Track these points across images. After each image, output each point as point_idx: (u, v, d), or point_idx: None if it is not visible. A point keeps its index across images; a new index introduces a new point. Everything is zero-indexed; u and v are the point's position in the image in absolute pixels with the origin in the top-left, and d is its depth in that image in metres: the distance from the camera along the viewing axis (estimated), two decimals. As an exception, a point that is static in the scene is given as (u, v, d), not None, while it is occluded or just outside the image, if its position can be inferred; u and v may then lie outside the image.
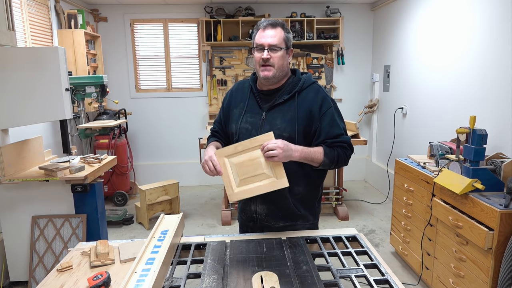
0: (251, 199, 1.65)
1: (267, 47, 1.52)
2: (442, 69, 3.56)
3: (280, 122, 1.57)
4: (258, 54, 1.55)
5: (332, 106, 1.60)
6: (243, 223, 1.78)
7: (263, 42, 1.53)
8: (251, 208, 1.67)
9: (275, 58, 1.53)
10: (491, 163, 2.35)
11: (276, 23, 1.56)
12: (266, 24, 1.55)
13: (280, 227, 1.68)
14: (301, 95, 1.60)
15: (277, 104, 1.60)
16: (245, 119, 1.63)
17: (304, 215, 1.68)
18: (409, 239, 3.01)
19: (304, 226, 1.70)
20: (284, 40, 1.55)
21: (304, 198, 1.66)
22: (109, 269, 1.38)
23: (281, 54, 1.54)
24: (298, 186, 1.61)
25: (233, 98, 1.73)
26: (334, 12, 5.09)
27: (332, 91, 5.47)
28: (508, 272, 1.89)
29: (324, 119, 1.57)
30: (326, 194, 4.22)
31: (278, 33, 1.54)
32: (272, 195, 1.53)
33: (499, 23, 2.75)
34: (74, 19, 4.25)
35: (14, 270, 2.80)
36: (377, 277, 1.28)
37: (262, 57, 1.53)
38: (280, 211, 1.65)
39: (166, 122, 5.41)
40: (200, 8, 5.14)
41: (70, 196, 2.72)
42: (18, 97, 2.53)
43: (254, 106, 1.64)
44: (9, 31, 2.28)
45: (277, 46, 1.53)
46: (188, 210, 4.56)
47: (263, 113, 1.61)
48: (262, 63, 1.54)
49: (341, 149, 1.58)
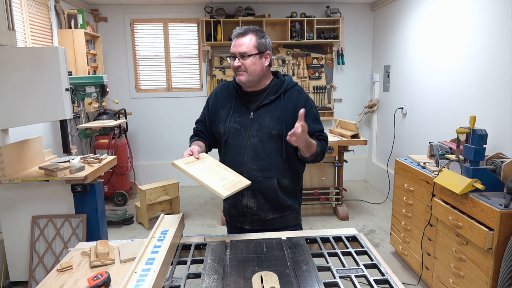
0: (242, 194, 1.71)
1: (238, 55, 1.63)
2: (442, 69, 3.56)
3: (268, 121, 1.67)
4: (232, 61, 1.67)
5: (313, 106, 1.73)
6: (233, 218, 1.83)
7: (234, 51, 1.65)
8: (242, 203, 1.73)
9: (246, 64, 1.63)
10: (491, 163, 2.35)
11: (247, 30, 1.65)
12: (237, 33, 1.66)
13: (270, 219, 1.75)
14: (286, 96, 1.70)
15: (264, 105, 1.69)
16: (233, 119, 1.71)
17: (290, 205, 1.78)
18: (409, 239, 3.01)
19: (291, 216, 1.80)
20: (255, 47, 1.63)
21: (290, 190, 1.76)
22: (109, 269, 1.38)
23: (252, 60, 1.63)
24: (285, 179, 1.72)
25: (218, 99, 1.80)
26: (334, 12, 5.09)
27: (332, 91, 5.47)
28: (508, 272, 1.89)
29: (308, 117, 1.66)
30: (326, 194, 4.22)
31: (248, 40, 1.63)
32: (262, 189, 1.69)
33: (499, 23, 2.75)
34: (74, 19, 4.25)
35: (14, 270, 2.80)
36: (377, 277, 1.28)
37: (233, 65, 1.65)
38: (269, 203, 1.73)
39: (166, 122, 5.41)
40: (200, 8, 5.14)
41: (70, 196, 2.72)
42: (18, 97, 2.53)
43: (241, 106, 1.72)
44: (9, 31, 2.28)
45: (247, 54, 1.62)
46: (188, 210, 4.57)
47: (251, 113, 1.69)
48: (235, 69, 1.66)
49: (324, 143, 1.72)
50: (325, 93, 5.45)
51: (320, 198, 4.18)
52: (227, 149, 1.74)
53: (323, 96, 5.46)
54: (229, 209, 1.83)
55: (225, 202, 1.85)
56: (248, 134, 1.68)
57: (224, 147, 1.76)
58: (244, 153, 1.68)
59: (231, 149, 1.72)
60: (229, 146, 1.72)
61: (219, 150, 1.84)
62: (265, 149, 1.67)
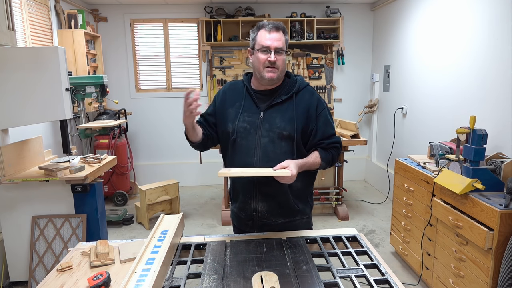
0: (251, 197, 1.65)
1: (273, 50, 1.55)
2: (442, 69, 3.56)
3: (279, 121, 1.60)
4: (264, 56, 1.56)
5: (325, 108, 1.68)
6: (242, 223, 1.76)
7: (269, 44, 1.55)
8: (251, 207, 1.67)
9: (280, 61, 1.58)
10: (491, 163, 2.35)
11: (279, 26, 1.59)
12: (272, 26, 1.57)
13: (280, 223, 1.70)
14: (298, 96, 1.65)
15: (275, 104, 1.63)
16: (243, 118, 1.64)
17: (302, 210, 1.72)
18: (409, 239, 3.01)
19: (301, 221, 1.74)
20: (285, 44, 1.60)
21: (301, 193, 1.71)
22: (109, 269, 1.38)
23: (284, 57, 1.60)
24: (296, 182, 1.62)
25: (227, 97, 1.72)
26: (334, 12, 5.09)
27: (332, 91, 5.47)
28: (508, 272, 1.89)
29: (319, 119, 1.64)
30: (326, 194, 4.22)
31: (282, 36, 1.58)
32: (272, 192, 1.62)
33: (499, 23, 2.75)
34: (74, 19, 4.25)
35: (14, 270, 2.80)
36: (377, 277, 1.28)
37: (270, 60, 1.55)
38: (279, 207, 1.67)
39: (166, 122, 5.41)
40: (200, 8, 5.14)
41: (70, 196, 2.72)
42: (18, 97, 2.53)
43: (251, 105, 1.66)
44: (9, 31, 2.28)
45: (282, 50, 1.57)
46: (188, 210, 4.57)
47: (261, 113, 1.63)
48: (268, 64, 1.56)
49: (335, 150, 1.67)
50: (325, 93, 5.45)
51: (320, 198, 4.18)
52: (235, 150, 1.65)
53: (323, 96, 5.46)
54: (237, 213, 1.77)
55: (233, 205, 1.79)
56: (258, 134, 1.60)
57: (232, 147, 1.66)
58: (254, 154, 1.60)
59: (240, 150, 1.63)
60: (237, 146, 1.64)
61: (224, 152, 1.74)
62: (276, 149, 1.59)
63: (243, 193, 1.69)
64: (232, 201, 1.82)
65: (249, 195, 1.65)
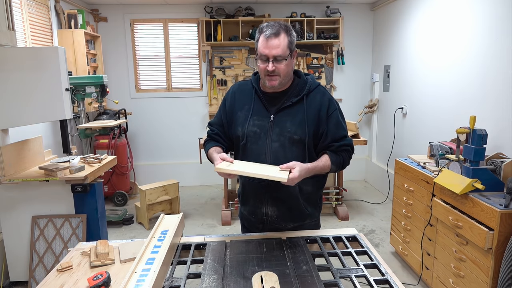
0: (262, 202, 1.64)
1: (272, 59, 1.48)
2: (442, 69, 3.56)
3: (290, 125, 1.56)
4: (263, 64, 1.51)
5: (337, 108, 1.62)
6: (252, 225, 1.74)
7: (267, 53, 1.48)
8: (262, 211, 1.66)
9: (280, 68, 1.50)
10: (491, 163, 2.35)
11: (279, 30, 1.48)
12: (270, 33, 1.47)
13: (290, 228, 1.69)
14: (309, 98, 1.59)
15: (285, 107, 1.58)
16: (252, 122, 1.60)
17: (311, 213, 1.71)
18: (409, 239, 3.01)
19: (310, 224, 1.73)
20: (288, 47, 1.50)
21: (311, 196, 1.69)
22: (109, 269, 1.38)
23: (286, 63, 1.51)
24: (307, 186, 1.62)
25: (236, 99, 1.68)
26: (334, 12, 5.09)
27: (332, 91, 5.47)
28: (508, 272, 1.89)
29: (330, 121, 1.59)
30: (326, 194, 4.22)
31: (282, 41, 1.48)
32: (282, 196, 1.60)
33: (499, 23, 2.75)
34: (74, 19, 4.25)
35: (14, 270, 2.80)
36: (377, 277, 1.28)
37: (268, 69, 1.50)
38: (290, 212, 1.65)
39: (166, 122, 5.41)
40: (200, 8, 5.14)
41: (70, 196, 2.72)
42: (18, 97, 2.53)
43: (261, 108, 1.61)
44: (9, 31, 2.28)
45: (281, 57, 1.48)
46: (188, 210, 4.56)
47: (271, 116, 1.58)
48: (267, 73, 1.51)
49: (346, 153, 1.64)
50: (325, 93, 5.45)
51: (320, 198, 4.18)
52: (245, 154, 1.62)
53: (323, 96, 5.45)
54: (247, 215, 1.75)
55: (242, 208, 1.78)
56: (269, 139, 1.57)
57: (242, 151, 1.64)
58: (264, 159, 1.56)
59: (250, 155, 1.60)
60: (248, 151, 1.61)
61: (235, 153, 1.72)
62: (287, 154, 1.55)
63: (254, 197, 1.67)
64: (241, 204, 1.78)
65: (260, 200, 1.64)
